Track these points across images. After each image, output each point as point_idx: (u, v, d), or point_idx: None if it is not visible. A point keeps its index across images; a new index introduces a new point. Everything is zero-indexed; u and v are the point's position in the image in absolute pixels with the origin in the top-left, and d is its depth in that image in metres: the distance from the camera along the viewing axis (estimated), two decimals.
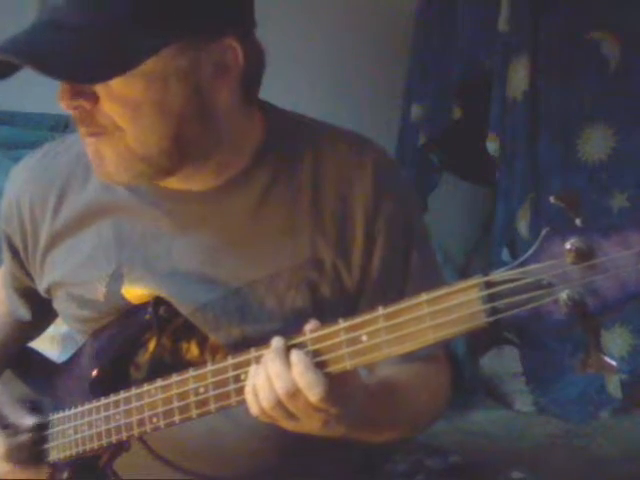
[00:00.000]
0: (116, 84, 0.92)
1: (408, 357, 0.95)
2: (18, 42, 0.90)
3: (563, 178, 2.76)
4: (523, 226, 2.82)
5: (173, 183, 1.05)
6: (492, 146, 2.85)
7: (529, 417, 2.75)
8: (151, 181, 1.02)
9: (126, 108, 0.93)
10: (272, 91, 1.10)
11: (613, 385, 2.65)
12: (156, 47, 0.91)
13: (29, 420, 1.15)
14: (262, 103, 1.09)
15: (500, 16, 2.79)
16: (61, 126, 2.39)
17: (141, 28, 0.90)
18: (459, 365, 2.79)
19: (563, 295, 0.73)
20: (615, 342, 2.64)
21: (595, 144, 2.73)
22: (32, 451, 1.13)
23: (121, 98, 0.93)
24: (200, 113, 0.97)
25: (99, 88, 0.93)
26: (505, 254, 2.87)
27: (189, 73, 0.94)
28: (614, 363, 0.74)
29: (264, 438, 1.07)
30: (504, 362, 2.90)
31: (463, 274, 3.02)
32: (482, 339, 2.90)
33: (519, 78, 2.77)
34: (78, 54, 0.89)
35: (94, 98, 0.94)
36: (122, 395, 1.03)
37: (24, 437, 1.13)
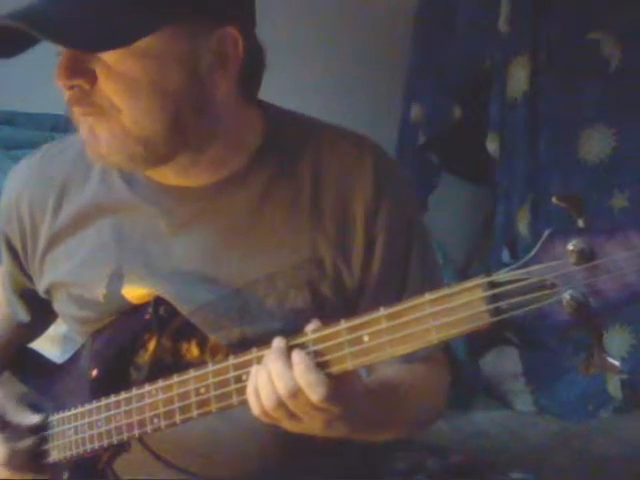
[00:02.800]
0: (115, 62, 0.92)
1: (408, 357, 0.95)
2: (20, 11, 0.89)
3: (563, 178, 2.75)
4: (523, 226, 2.81)
5: (171, 179, 1.05)
6: (492, 146, 2.85)
7: (529, 417, 2.74)
8: (144, 166, 1.02)
9: (124, 87, 0.93)
10: (272, 91, 1.10)
11: (613, 385, 2.65)
12: (155, 25, 0.91)
13: (31, 419, 1.14)
14: (262, 103, 1.09)
15: (500, 16, 2.79)
16: (61, 126, 2.39)
17: (142, 6, 0.90)
18: (459, 365, 2.79)
19: (566, 295, 0.73)
20: (615, 342, 2.64)
21: (595, 144, 2.72)
22: (32, 453, 1.13)
23: (119, 77, 0.93)
24: (197, 99, 0.97)
25: (98, 67, 0.93)
26: (505, 254, 2.87)
27: (188, 57, 0.95)
28: (617, 363, 0.74)
29: (263, 439, 1.07)
30: (504, 362, 2.89)
31: (463, 274, 3.02)
32: (482, 339, 2.90)
33: (519, 78, 2.77)
34: (79, 23, 0.89)
35: (93, 77, 0.93)
36: (123, 396, 1.03)
37: (25, 443, 1.12)
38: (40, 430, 1.14)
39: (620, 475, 2.28)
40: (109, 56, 0.92)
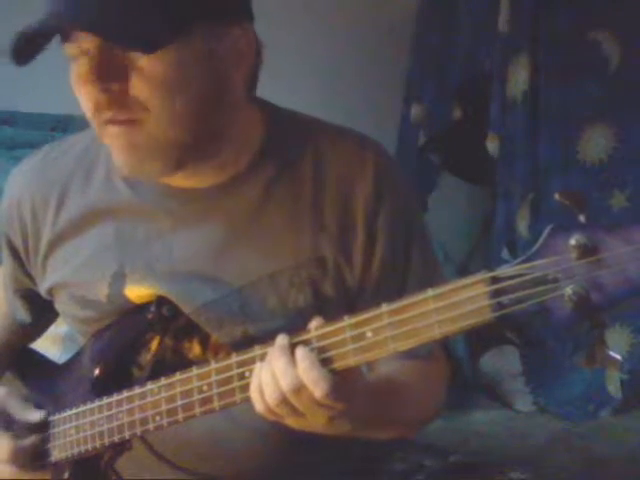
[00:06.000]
0: (147, 64, 0.92)
1: (408, 355, 0.95)
2: (69, 9, 0.90)
3: (563, 178, 2.76)
4: (523, 226, 2.82)
5: (175, 180, 1.05)
6: (492, 146, 2.85)
7: (529, 417, 2.75)
8: (161, 175, 1.02)
9: (156, 88, 0.93)
10: (272, 91, 1.10)
11: (613, 385, 2.65)
12: (189, 25, 0.92)
13: (35, 416, 1.14)
14: (262, 102, 1.09)
15: (500, 16, 2.79)
16: (61, 126, 2.40)
17: (172, 6, 0.91)
18: (459, 365, 2.79)
19: (568, 290, 0.73)
20: (615, 342, 2.64)
21: (595, 144, 2.73)
22: (36, 451, 1.13)
23: (151, 78, 0.93)
24: (220, 101, 0.98)
25: (130, 69, 0.93)
26: (505, 254, 2.87)
27: (213, 57, 0.96)
28: (619, 357, 0.74)
29: (264, 438, 1.08)
30: (504, 362, 2.90)
31: (463, 273, 3.03)
32: (482, 338, 2.91)
33: (519, 78, 2.78)
34: (132, 21, 0.90)
35: (125, 80, 0.93)
36: (125, 394, 1.03)
37: (29, 440, 1.12)
38: (43, 429, 1.13)
39: (620, 475, 2.28)
40: (142, 58, 0.92)
